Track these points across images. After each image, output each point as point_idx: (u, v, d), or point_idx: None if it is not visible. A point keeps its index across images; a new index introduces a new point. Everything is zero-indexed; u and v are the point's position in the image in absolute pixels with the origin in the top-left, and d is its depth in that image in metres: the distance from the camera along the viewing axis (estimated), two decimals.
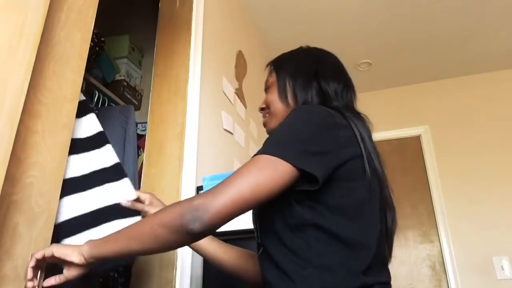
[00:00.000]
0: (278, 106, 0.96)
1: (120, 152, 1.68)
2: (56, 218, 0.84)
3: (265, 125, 1.02)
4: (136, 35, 2.20)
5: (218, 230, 0.71)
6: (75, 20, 0.89)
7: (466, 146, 3.04)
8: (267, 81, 1.03)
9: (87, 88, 1.66)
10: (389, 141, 3.22)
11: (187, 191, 1.41)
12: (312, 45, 1.06)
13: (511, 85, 3.11)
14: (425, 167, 3.08)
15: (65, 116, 0.85)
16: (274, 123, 0.97)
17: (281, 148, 0.73)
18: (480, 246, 2.74)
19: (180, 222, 0.67)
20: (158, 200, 1.06)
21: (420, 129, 3.20)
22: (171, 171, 1.44)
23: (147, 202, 1.04)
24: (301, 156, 0.72)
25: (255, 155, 0.74)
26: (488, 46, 2.92)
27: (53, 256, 0.74)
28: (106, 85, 1.89)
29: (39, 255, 0.74)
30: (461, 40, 2.85)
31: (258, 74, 2.62)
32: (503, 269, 2.64)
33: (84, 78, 0.91)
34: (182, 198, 1.40)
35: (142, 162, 1.58)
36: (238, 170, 0.72)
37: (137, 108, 2.09)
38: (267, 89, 1.03)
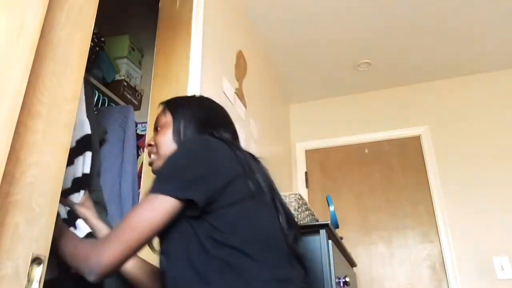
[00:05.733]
0: (170, 148, 1.00)
1: (119, 152, 1.68)
2: None
3: (151, 164, 1.06)
4: (136, 35, 2.20)
5: None
6: (75, 20, 0.89)
7: (466, 146, 3.03)
8: (158, 120, 1.07)
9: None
10: (389, 141, 3.22)
11: None
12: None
13: (511, 85, 3.12)
14: (425, 167, 3.07)
15: (66, 116, 0.84)
16: (160, 164, 1.00)
17: (164, 184, 0.83)
18: (480, 246, 2.74)
19: (82, 270, 0.81)
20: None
21: (420, 129, 3.20)
22: None
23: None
24: (182, 187, 0.81)
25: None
26: (488, 46, 2.92)
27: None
28: (106, 85, 1.89)
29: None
30: (461, 40, 2.85)
31: (258, 74, 2.62)
32: (503, 269, 2.64)
33: (85, 80, 0.91)
34: None
35: (142, 162, 1.58)
36: (128, 216, 0.83)
37: (137, 108, 2.09)
38: (158, 128, 1.06)
